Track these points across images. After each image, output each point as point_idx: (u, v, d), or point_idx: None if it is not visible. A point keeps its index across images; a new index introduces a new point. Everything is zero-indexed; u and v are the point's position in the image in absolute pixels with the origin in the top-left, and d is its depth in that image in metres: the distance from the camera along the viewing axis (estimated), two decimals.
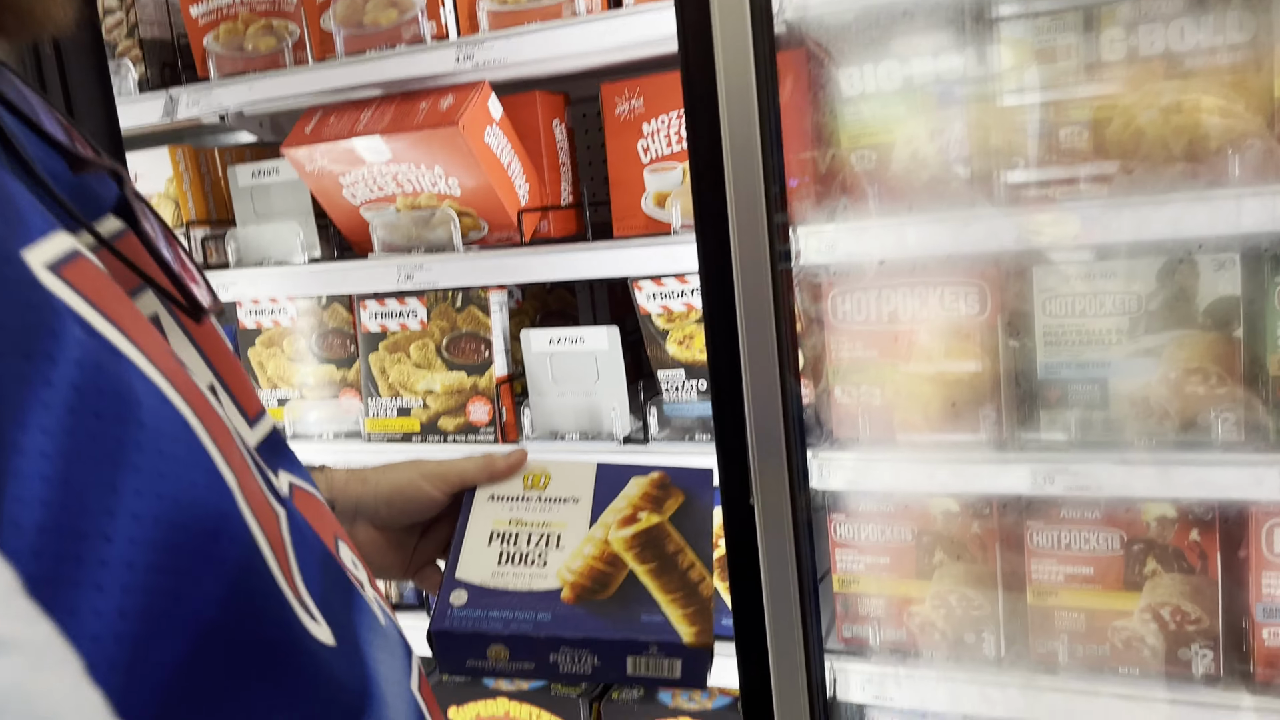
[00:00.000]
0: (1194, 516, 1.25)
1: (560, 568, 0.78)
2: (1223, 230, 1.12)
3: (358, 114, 1.53)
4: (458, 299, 1.62)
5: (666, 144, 1.47)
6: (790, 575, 1.31)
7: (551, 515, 0.83)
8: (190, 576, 0.33)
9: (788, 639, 1.35)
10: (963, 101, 1.24)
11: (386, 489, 0.81)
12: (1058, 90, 1.21)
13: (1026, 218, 1.22)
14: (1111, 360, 1.24)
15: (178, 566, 0.33)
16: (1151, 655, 1.29)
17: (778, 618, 1.33)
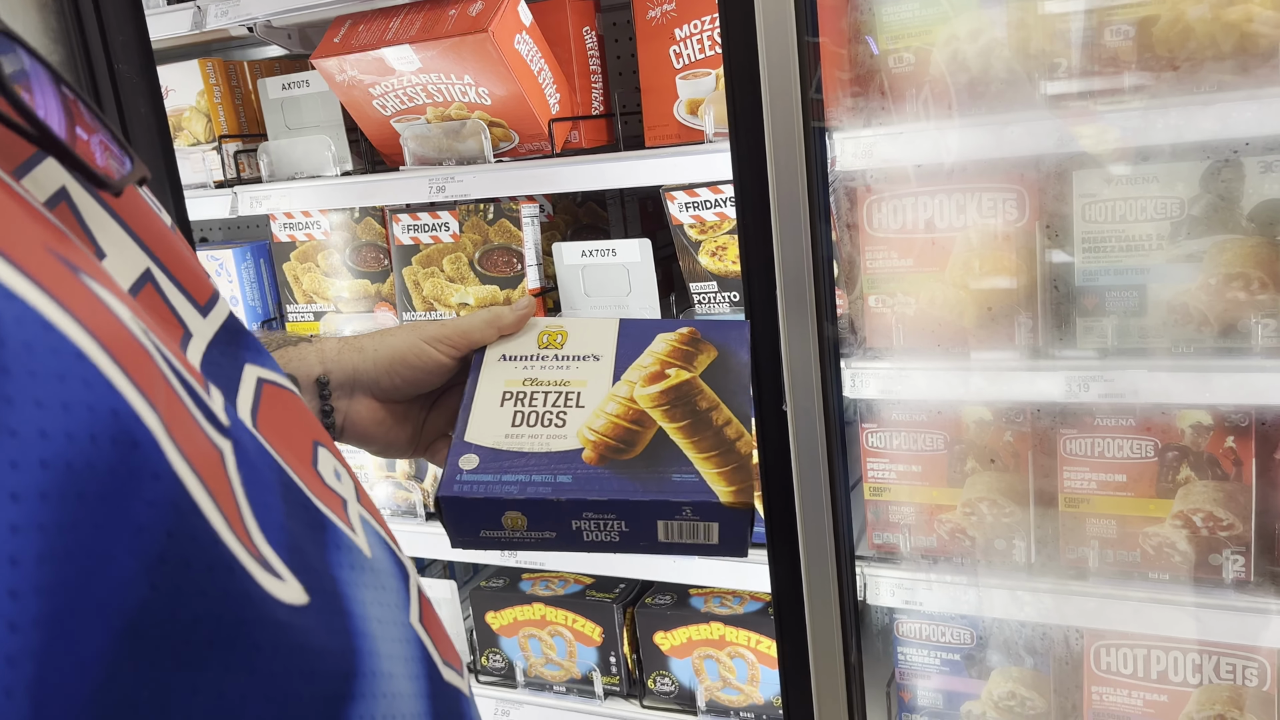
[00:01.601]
0: (1230, 423, 1.25)
1: (581, 427, 0.72)
2: (1271, 129, 1.09)
3: (387, 22, 1.52)
4: (489, 212, 1.62)
5: (699, 49, 1.45)
6: (822, 482, 1.33)
7: (570, 374, 0.77)
8: (100, 554, 0.26)
9: (819, 545, 1.37)
10: (1004, 1, 1.21)
11: (386, 356, 0.74)
12: None
13: (1068, 121, 1.20)
14: (1151, 266, 1.23)
15: (82, 545, 0.26)
16: (1182, 560, 1.30)
17: (809, 523, 1.36)
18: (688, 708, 1.73)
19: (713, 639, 1.68)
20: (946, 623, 1.50)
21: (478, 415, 0.73)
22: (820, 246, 1.20)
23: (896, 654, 1.55)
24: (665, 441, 0.71)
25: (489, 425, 0.72)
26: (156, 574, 0.27)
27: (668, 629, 1.70)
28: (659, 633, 1.71)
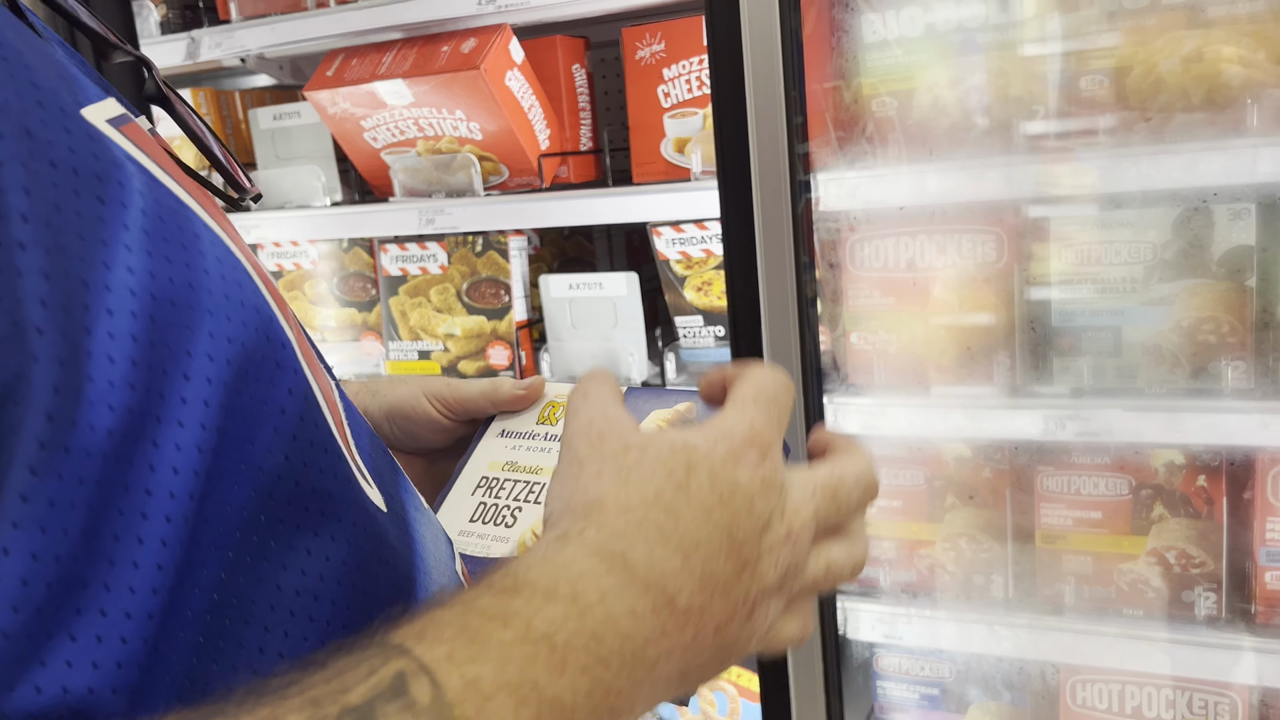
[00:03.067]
0: (1202, 462, 1.29)
1: (527, 530, 0.64)
2: (1238, 179, 1.14)
3: (380, 57, 1.56)
4: (478, 244, 1.65)
5: (687, 89, 1.49)
6: None
7: (546, 459, 0.69)
8: (254, 421, 0.34)
9: None
10: (984, 49, 1.26)
11: (388, 403, 0.74)
12: (1079, 39, 1.23)
13: (1045, 166, 1.24)
14: (1125, 308, 1.27)
15: (245, 409, 0.34)
16: (1155, 597, 1.34)
17: None
18: None
19: None
20: (925, 657, 1.52)
21: (451, 500, 0.68)
22: (804, 284, 1.24)
23: (876, 688, 1.57)
24: None
25: (455, 516, 0.67)
26: (290, 448, 0.36)
27: None
28: None
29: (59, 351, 0.28)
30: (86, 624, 0.28)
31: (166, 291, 0.32)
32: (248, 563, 0.34)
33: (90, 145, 0.32)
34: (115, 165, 0.33)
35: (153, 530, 0.30)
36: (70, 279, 0.29)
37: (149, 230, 0.33)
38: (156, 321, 0.32)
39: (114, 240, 0.31)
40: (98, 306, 0.30)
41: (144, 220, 0.33)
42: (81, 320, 0.29)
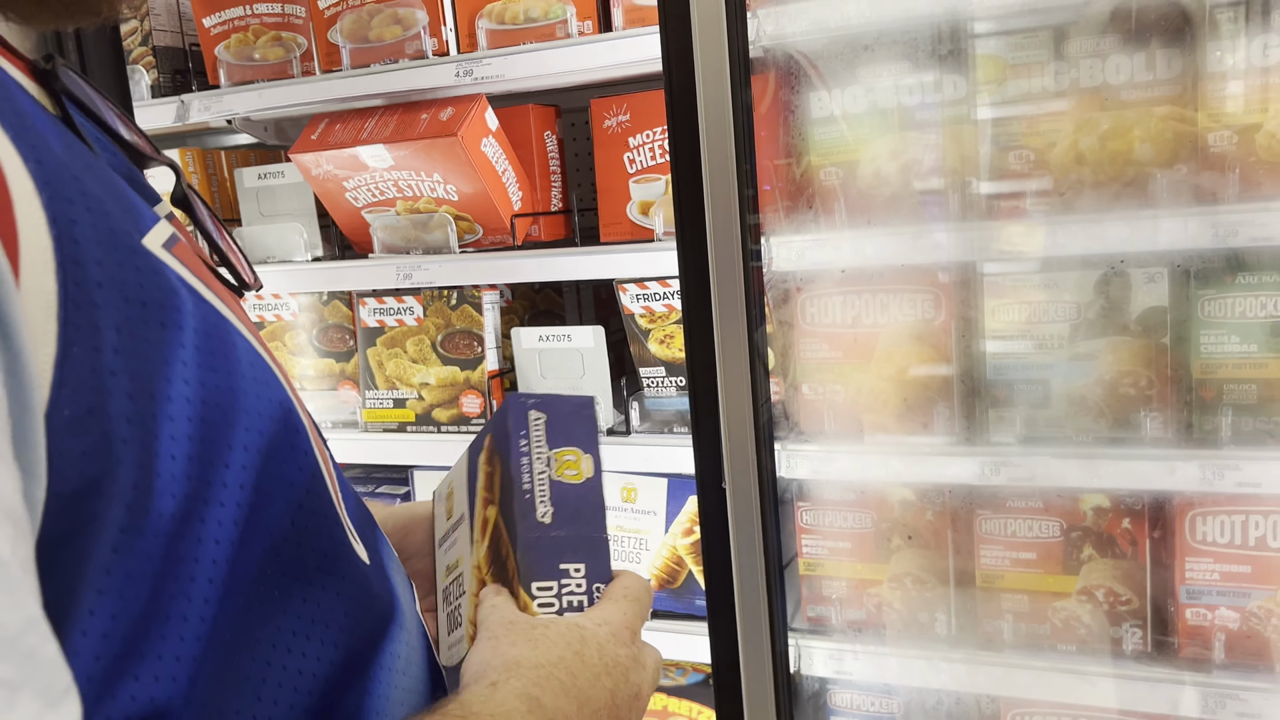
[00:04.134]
0: (1125, 506, 1.38)
1: (466, 622, 0.62)
2: (1150, 247, 1.25)
3: (362, 123, 1.65)
4: (452, 298, 1.74)
5: (651, 156, 1.59)
6: (758, 558, 1.43)
7: (456, 548, 0.67)
8: (272, 495, 0.43)
9: (755, 618, 1.47)
10: (920, 126, 1.37)
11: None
12: (1008, 116, 1.34)
13: (977, 233, 1.35)
14: (1053, 363, 1.37)
15: (267, 486, 0.42)
16: (1087, 633, 1.42)
17: (746, 598, 1.46)
18: None
19: (656, 710, 1.76)
20: (874, 693, 1.60)
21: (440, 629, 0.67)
22: (755, 340, 1.33)
23: None
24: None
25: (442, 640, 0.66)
26: (297, 515, 0.45)
27: None
28: None
29: (136, 456, 0.36)
30: (148, 667, 0.36)
31: (214, 396, 0.40)
32: (256, 607, 0.42)
33: (154, 278, 0.40)
34: (173, 292, 0.40)
35: (198, 590, 0.38)
36: (143, 395, 0.37)
37: (199, 346, 0.40)
38: (206, 422, 0.39)
39: (174, 359, 0.39)
40: (163, 415, 0.37)
41: (195, 338, 0.40)
42: (152, 428, 0.37)
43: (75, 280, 0.35)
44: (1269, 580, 1.32)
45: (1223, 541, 1.33)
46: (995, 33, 1.32)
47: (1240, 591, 1.34)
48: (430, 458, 1.77)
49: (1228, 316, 1.28)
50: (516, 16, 1.54)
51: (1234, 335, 1.28)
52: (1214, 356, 1.29)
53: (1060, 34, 1.29)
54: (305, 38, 1.71)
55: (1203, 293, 1.28)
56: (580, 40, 1.50)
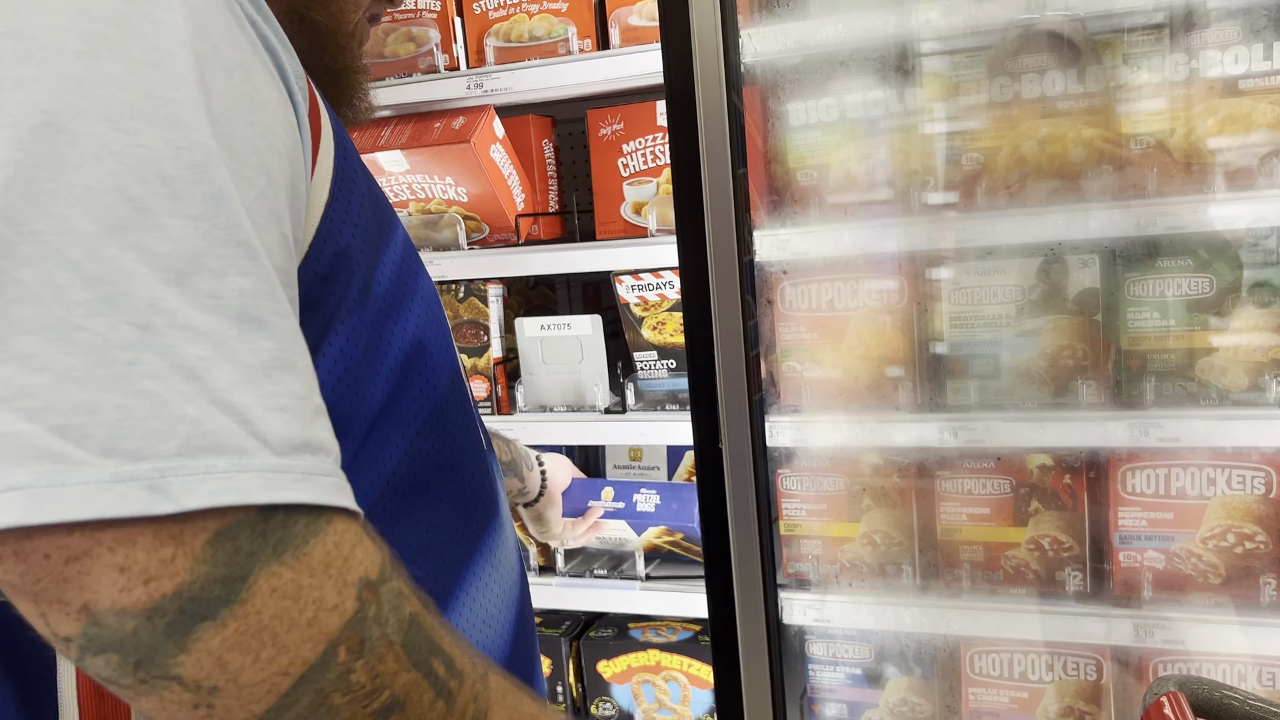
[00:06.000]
0: (1066, 463, 1.56)
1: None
2: (1083, 236, 1.44)
3: (379, 130, 1.79)
4: (460, 291, 1.88)
5: (643, 161, 1.75)
6: (752, 518, 1.59)
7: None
8: (429, 380, 0.60)
9: (750, 575, 1.63)
10: (885, 131, 1.55)
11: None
12: (960, 124, 1.53)
13: (935, 225, 1.53)
14: (1002, 339, 1.55)
15: (429, 345, 0.61)
16: (1035, 577, 1.60)
17: (742, 556, 1.62)
18: None
19: (650, 665, 1.91)
20: (849, 640, 1.76)
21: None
22: (748, 324, 1.50)
23: (808, 671, 1.80)
24: None
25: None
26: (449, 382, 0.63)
27: (610, 658, 1.92)
28: (602, 661, 1.93)
29: (365, 265, 0.56)
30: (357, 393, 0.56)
31: (408, 268, 0.60)
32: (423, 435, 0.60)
33: (385, 201, 0.61)
34: (392, 214, 0.62)
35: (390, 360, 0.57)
36: (373, 244, 0.57)
37: (403, 246, 0.61)
38: (401, 274, 0.59)
39: (390, 239, 0.59)
40: (384, 260, 0.57)
41: (404, 243, 0.61)
42: (375, 261, 0.56)
43: (341, 168, 0.56)
44: (1188, 525, 1.50)
45: (1149, 492, 1.52)
46: (940, 52, 1.51)
47: (1165, 536, 1.52)
48: None
49: (1150, 296, 1.47)
50: (522, 35, 1.70)
51: (1155, 312, 1.47)
52: (1139, 330, 1.48)
53: (994, 54, 1.48)
54: None
55: (1128, 275, 1.47)
56: (581, 57, 1.66)
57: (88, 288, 0.39)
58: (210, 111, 0.44)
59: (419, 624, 0.46)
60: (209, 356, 0.40)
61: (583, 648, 1.93)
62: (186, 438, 0.39)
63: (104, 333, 0.38)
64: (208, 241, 0.42)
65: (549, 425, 1.81)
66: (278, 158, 0.48)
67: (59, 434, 0.37)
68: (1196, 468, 1.49)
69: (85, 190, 0.40)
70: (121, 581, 0.37)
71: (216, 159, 0.43)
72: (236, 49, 0.48)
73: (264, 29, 0.51)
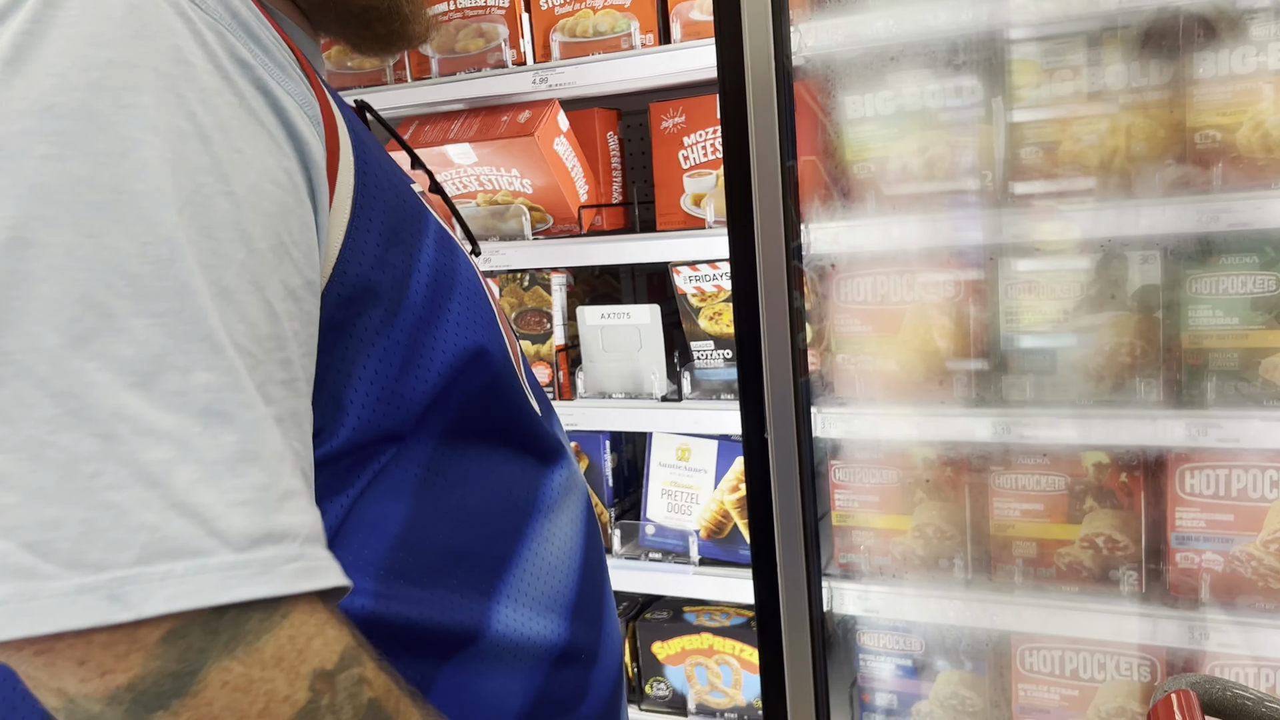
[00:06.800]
0: (1123, 462, 1.54)
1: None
2: (1143, 232, 1.41)
3: (449, 124, 1.85)
4: (525, 279, 1.93)
5: (703, 153, 1.77)
6: (796, 509, 1.61)
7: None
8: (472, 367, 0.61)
9: (794, 563, 1.65)
10: (942, 125, 1.54)
11: None
12: (1024, 117, 1.51)
13: (991, 220, 1.51)
14: (1059, 335, 1.54)
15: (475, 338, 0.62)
16: (1088, 575, 1.58)
17: (786, 545, 1.63)
18: (679, 710, 1.97)
19: (703, 648, 1.94)
20: (899, 631, 1.77)
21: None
22: (795, 315, 1.51)
23: (858, 661, 1.81)
24: None
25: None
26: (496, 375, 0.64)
27: (664, 639, 1.96)
28: (656, 643, 1.96)
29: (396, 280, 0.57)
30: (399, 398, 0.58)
31: (444, 268, 0.61)
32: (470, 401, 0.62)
33: (416, 201, 0.62)
34: (424, 211, 0.62)
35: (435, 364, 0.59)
36: (404, 256, 0.58)
37: (436, 245, 0.62)
38: (437, 276, 0.60)
39: (421, 243, 0.60)
40: (418, 266, 0.58)
41: (437, 240, 0.62)
42: (407, 270, 0.57)
43: (362, 184, 0.56)
44: (1249, 527, 1.47)
45: (1208, 493, 1.49)
46: (1027, 39, 1.49)
47: (1224, 538, 1.49)
48: None
49: (1212, 293, 1.43)
50: (586, 30, 1.73)
51: (1217, 309, 1.43)
52: (1200, 328, 1.45)
53: (1080, 43, 1.45)
54: None
55: (1190, 272, 1.44)
56: (642, 51, 1.68)
57: (55, 403, 0.41)
58: (180, 195, 0.45)
59: (379, 709, 0.48)
60: (170, 459, 0.42)
61: (638, 629, 1.97)
62: (144, 545, 0.41)
63: (69, 447, 0.41)
64: (173, 338, 0.43)
65: (607, 411, 1.85)
66: (265, 218, 0.48)
67: (30, 550, 0.40)
68: (1258, 469, 1.45)
69: (51, 304, 0.42)
70: (81, 673, 0.41)
71: (182, 250, 0.44)
72: (216, 112, 0.48)
73: (259, 72, 0.51)
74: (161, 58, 0.46)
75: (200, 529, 0.42)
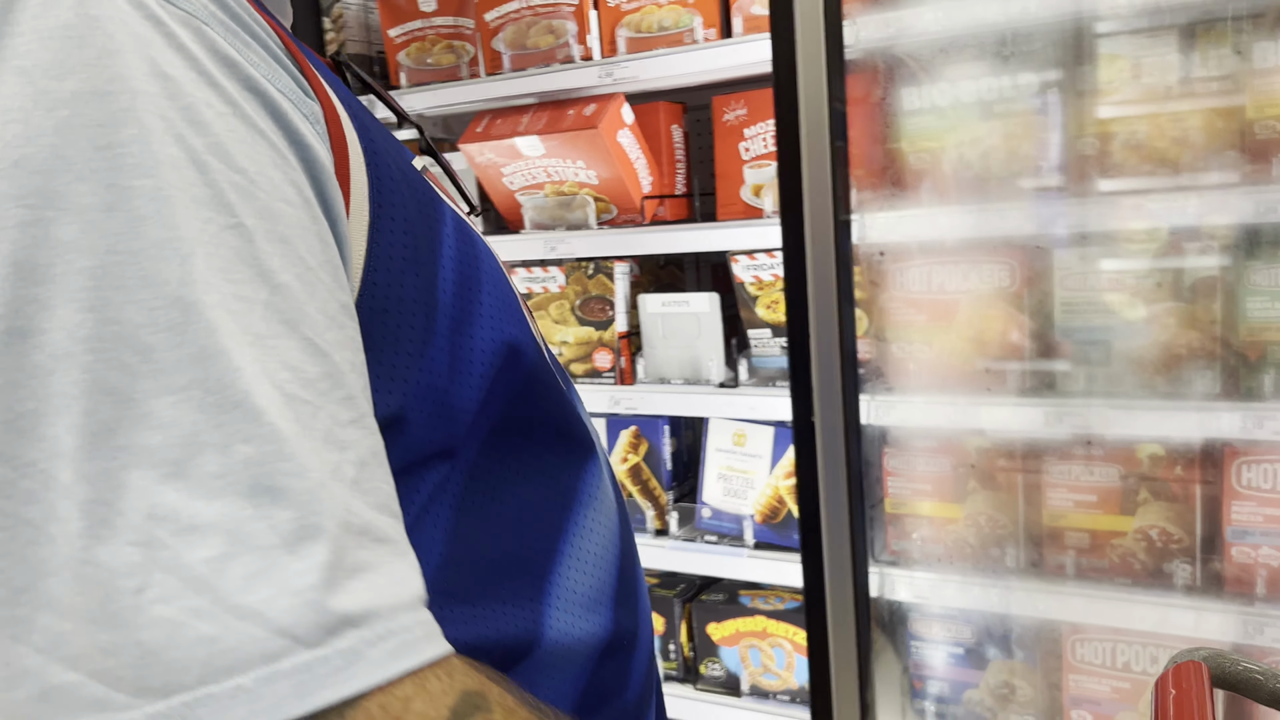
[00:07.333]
0: (1178, 454, 1.53)
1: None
2: (1199, 222, 1.41)
3: (519, 118, 1.92)
4: (590, 268, 1.99)
5: (763, 145, 1.81)
6: (842, 494, 1.64)
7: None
8: (509, 365, 0.57)
9: (839, 548, 1.67)
10: (998, 116, 1.55)
11: None
12: (1074, 110, 1.52)
13: (1047, 210, 1.52)
14: (1114, 326, 1.54)
15: (506, 329, 0.57)
16: (1141, 568, 1.58)
17: (832, 530, 1.66)
18: (733, 691, 2.02)
19: (757, 631, 1.98)
20: (950, 619, 1.78)
21: None
22: (844, 304, 1.54)
23: (910, 648, 1.83)
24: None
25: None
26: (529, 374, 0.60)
27: (719, 620, 2.00)
28: (712, 624, 2.01)
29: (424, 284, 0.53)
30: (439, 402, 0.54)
31: (467, 257, 0.56)
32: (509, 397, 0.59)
33: (424, 184, 0.55)
34: (435, 195, 0.56)
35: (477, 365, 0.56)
36: (428, 252, 0.53)
37: (454, 232, 0.56)
38: (460, 271, 0.55)
39: (441, 234, 0.54)
40: (440, 263, 0.54)
41: (453, 232, 0.56)
42: (434, 268, 0.53)
43: (377, 181, 0.50)
44: None
45: (1265, 487, 1.47)
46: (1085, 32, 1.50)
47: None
48: None
49: (1271, 284, 1.42)
50: (651, 26, 1.79)
51: (1277, 301, 1.42)
52: (1259, 320, 1.44)
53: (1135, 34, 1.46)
54: (473, 45, 1.99)
55: (1249, 263, 1.43)
56: (704, 45, 1.73)
57: (84, 514, 0.37)
58: (183, 241, 0.39)
59: None
60: (219, 555, 0.37)
61: (694, 610, 2.02)
62: (206, 661, 0.36)
63: (108, 563, 0.36)
64: (203, 412, 0.38)
65: (666, 396, 1.90)
66: (283, 245, 0.42)
67: (98, 679, 0.36)
68: None
69: (63, 399, 0.37)
70: None
71: (197, 307, 0.38)
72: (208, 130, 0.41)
73: (247, 70, 0.44)
74: (135, 77, 0.39)
75: (264, 630, 0.37)
